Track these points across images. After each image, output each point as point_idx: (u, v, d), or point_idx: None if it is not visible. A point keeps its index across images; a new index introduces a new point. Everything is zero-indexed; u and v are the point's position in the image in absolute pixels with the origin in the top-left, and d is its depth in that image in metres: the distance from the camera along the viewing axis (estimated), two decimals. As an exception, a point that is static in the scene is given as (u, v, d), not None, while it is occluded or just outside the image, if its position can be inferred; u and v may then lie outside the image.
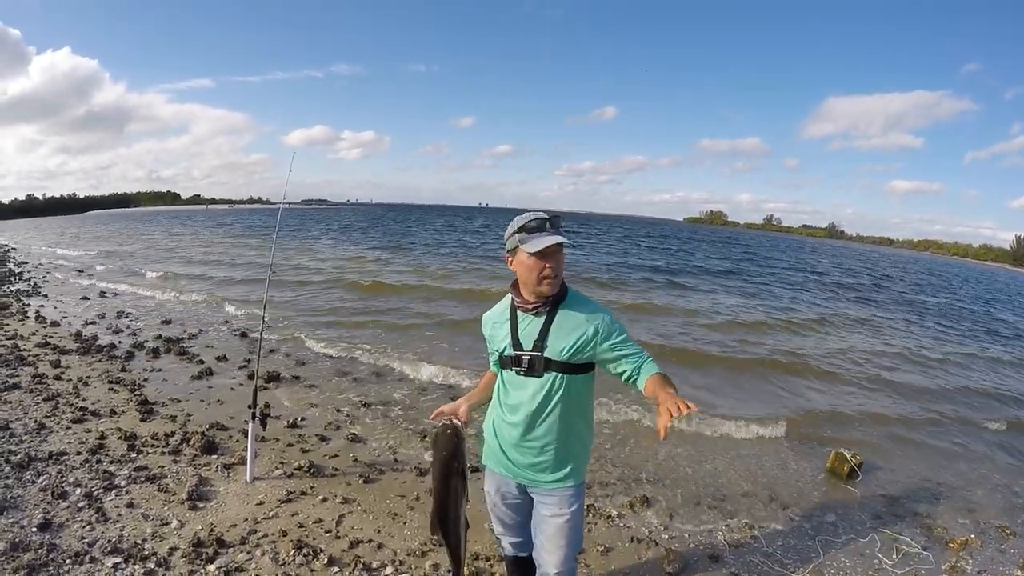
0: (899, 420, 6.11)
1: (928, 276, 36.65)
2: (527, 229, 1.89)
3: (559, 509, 2.02)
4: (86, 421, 4.49)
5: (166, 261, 18.10)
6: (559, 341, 1.92)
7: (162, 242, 26.29)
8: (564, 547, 2.03)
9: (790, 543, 3.48)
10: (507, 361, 2.02)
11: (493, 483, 2.18)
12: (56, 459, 3.76)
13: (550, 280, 1.89)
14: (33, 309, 9.09)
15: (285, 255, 19.23)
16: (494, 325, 2.12)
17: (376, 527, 3.28)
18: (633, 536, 3.38)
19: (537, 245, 1.85)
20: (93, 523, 3.06)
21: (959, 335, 12.72)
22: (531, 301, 1.96)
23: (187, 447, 4.12)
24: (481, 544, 3.10)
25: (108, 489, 3.43)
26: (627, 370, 1.93)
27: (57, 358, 6.16)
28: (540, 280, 1.89)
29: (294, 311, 9.93)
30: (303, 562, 2.86)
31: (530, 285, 1.93)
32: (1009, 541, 3.75)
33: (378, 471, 4.02)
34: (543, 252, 1.86)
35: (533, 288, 1.93)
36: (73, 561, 2.72)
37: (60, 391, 5.12)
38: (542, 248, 1.84)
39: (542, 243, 1.84)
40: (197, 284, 13.24)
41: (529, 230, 1.88)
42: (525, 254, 1.88)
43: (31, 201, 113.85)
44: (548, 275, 1.88)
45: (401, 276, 15.08)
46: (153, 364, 6.30)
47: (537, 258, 1.87)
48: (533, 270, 1.89)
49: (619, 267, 20.90)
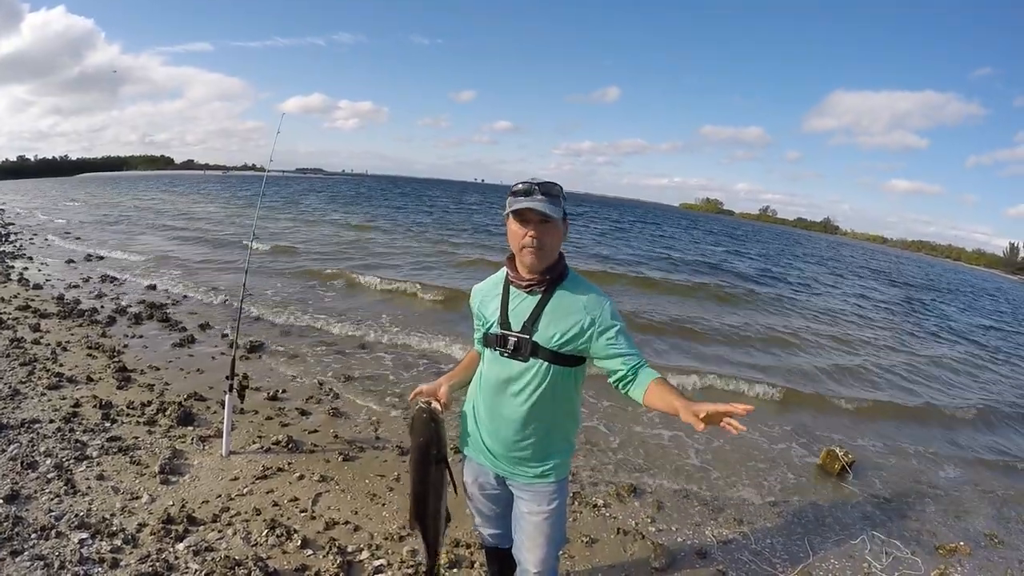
0: (893, 420, 6.07)
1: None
2: (515, 192, 1.75)
3: (538, 506, 1.90)
4: (62, 388, 4.35)
5: (157, 227, 17.82)
6: (551, 327, 1.78)
7: (155, 207, 25.92)
8: (544, 545, 1.91)
9: (779, 541, 3.41)
10: (492, 339, 1.87)
11: (471, 472, 2.05)
12: (28, 427, 3.62)
13: (531, 250, 1.74)
14: (16, 272, 8.86)
15: (278, 225, 19.09)
16: (484, 298, 1.97)
17: (353, 508, 3.18)
18: (619, 528, 3.29)
19: (516, 206, 1.72)
20: (62, 495, 2.94)
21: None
22: (525, 277, 1.81)
23: (163, 417, 4.00)
24: (462, 531, 3.00)
25: (79, 460, 3.31)
26: (621, 371, 1.76)
27: (37, 322, 6.00)
28: (521, 248, 1.76)
29: (280, 282, 9.77)
30: (276, 543, 2.76)
31: (516, 254, 1.81)
32: (997, 549, 3.70)
33: (358, 448, 3.91)
34: (524, 217, 1.73)
35: (518, 257, 1.80)
36: (39, 535, 2.60)
37: (38, 356, 4.97)
38: (519, 208, 1.71)
39: (521, 204, 1.71)
40: (187, 249, 13.04)
41: (516, 193, 1.75)
42: (511, 218, 1.76)
43: (23, 162, 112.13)
44: (528, 244, 1.73)
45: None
46: (134, 330, 6.14)
47: (518, 223, 1.74)
48: (516, 236, 1.76)
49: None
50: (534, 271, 1.80)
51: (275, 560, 2.64)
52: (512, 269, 1.86)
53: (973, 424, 6.38)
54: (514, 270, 1.85)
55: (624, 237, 28.49)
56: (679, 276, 15.42)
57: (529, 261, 1.77)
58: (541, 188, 1.72)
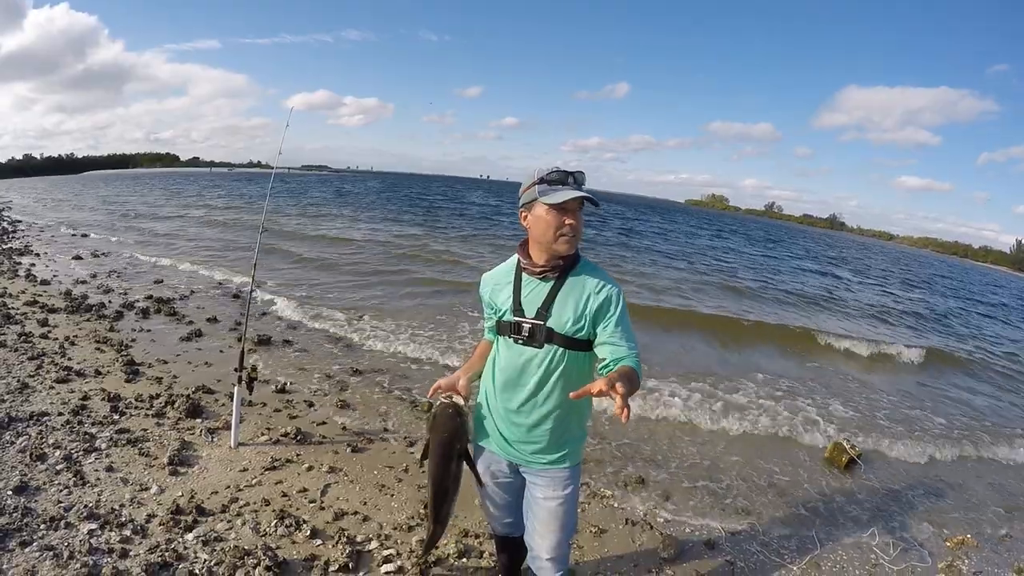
0: (901, 413, 6.04)
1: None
2: (548, 181, 1.72)
3: (552, 491, 1.89)
4: (70, 381, 4.36)
5: (163, 222, 17.86)
6: (564, 312, 1.77)
7: (160, 203, 25.98)
8: (557, 531, 1.90)
9: (787, 533, 3.40)
10: (506, 327, 1.86)
11: (484, 461, 2.04)
12: (37, 420, 3.64)
13: (567, 238, 1.73)
14: (24, 267, 8.90)
15: (285, 220, 19.05)
16: (495, 286, 1.95)
17: (362, 499, 3.18)
18: (628, 518, 3.29)
19: (559, 197, 1.69)
20: (71, 487, 2.95)
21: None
22: (540, 264, 1.80)
23: (171, 410, 4.01)
24: (471, 520, 3.01)
25: (88, 452, 3.32)
26: (605, 359, 1.74)
27: (45, 316, 6.01)
28: (557, 236, 1.73)
29: (290, 276, 9.79)
30: (285, 533, 2.76)
31: (545, 242, 1.77)
32: (1005, 542, 3.67)
33: (367, 440, 3.91)
34: (563, 207, 1.70)
35: (548, 246, 1.77)
36: (48, 526, 2.61)
37: (46, 350, 4.99)
38: (563, 201, 1.69)
39: (564, 195, 1.69)
40: (193, 244, 13.07)
41: (551, 182, 1.72)
42: (544, 207, 1.73)
43: (28, 160, 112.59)
44: (567, 232, 1.72)
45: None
46: (142, 324, 6.17)
47: (557, 212, 1.71)
48: (551, 225, 1.73)
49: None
50: (559, 257, 1.79)
51: (284, 550, 2.64)
52: (525, 256, 1.85)
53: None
54: (527, 257, 1.84)
55: (670, 253, 20.12)
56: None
57: (565, 248, 1.76)
58: (575, 176, 1.72)
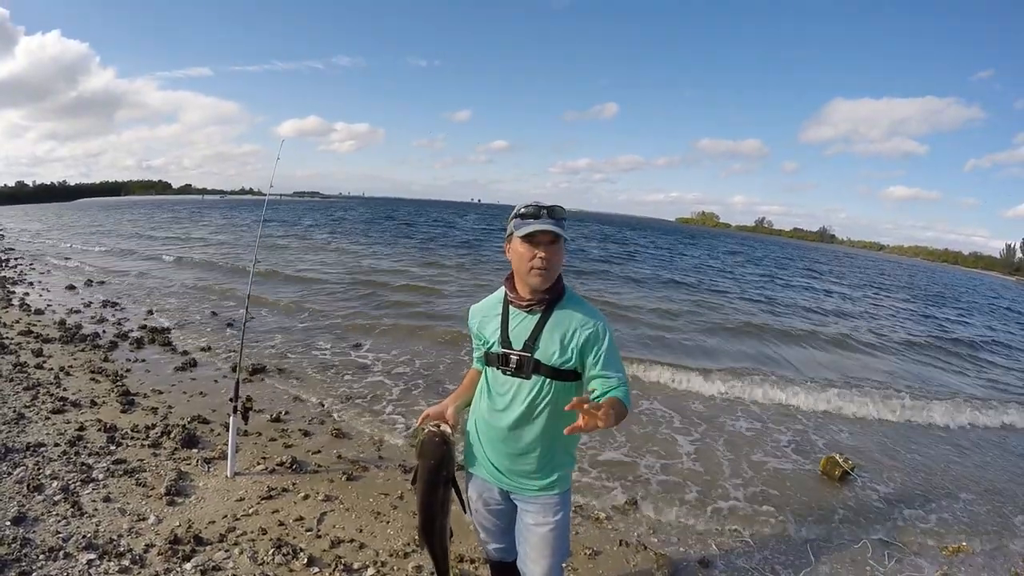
0: (893, 424, 6.10)
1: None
2: (522, 215, 1.81)
3: (543, 518, 1.93)
4: (66, 412, 4.37)
5: (157, 251, 17.87)
6: (551, 344, 1.83)
7: (154, 233, 26.00)
8: (549, 557, 1.94)
9: (781, 548, 3.44)
10: (494, 359, 1.92)
11: (475, 488, 2.09)
12: (33, 451, 3.65)
13: (539, 271, 1.80)
14: (18, 297, 8.91)
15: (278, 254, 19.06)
16: (483, 318, 2.01)
17: (358, 526, 3.20)
18: (621, 539, 3.31)
19: (527, 229, 1.77)
20: (69, 517, 2.96)
21: None
22: (525, 297, 1.87)
23: (167, 440, 4.02)
24: (466, 546, 3.03)
25: (85, 482, 3.33)
26: (595, 391, 1.80)
27: (40, 347, 6.03)
28: (529, 269, 1.80)
29: (285, 303, 9.81)
30: (282, 562, 2.78)
31: (521, 274, 1.85)
32: (1001, 549, 3.72)
33: (362, 468, 3.93)
34: (534, 239, 1.78)
35: (524, 278, 1.84)
36: (47, 557, 2.62)
37: (41, 380, 5.00)
38: (530, 231, 1.77)
39: (531, 227, 1.77)
40: (186, 274, 13.07)
41: (524, 216, 1.81)
42: (517, 240, 1.81)
43: (20, 187, 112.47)
44: (538, 265, 1.79)
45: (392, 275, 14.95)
46: (136, 354, 6.18)
47: (529, 244, 1.79)
48: (524, 258, 1.80)
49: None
50: (539, 290, 1.85)
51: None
52: (511, 289, 1.92)
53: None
54: (513, 290, 1.91)
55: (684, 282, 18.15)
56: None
57: (537, 282, 1.82)
58: (550, 211, 1.80)
